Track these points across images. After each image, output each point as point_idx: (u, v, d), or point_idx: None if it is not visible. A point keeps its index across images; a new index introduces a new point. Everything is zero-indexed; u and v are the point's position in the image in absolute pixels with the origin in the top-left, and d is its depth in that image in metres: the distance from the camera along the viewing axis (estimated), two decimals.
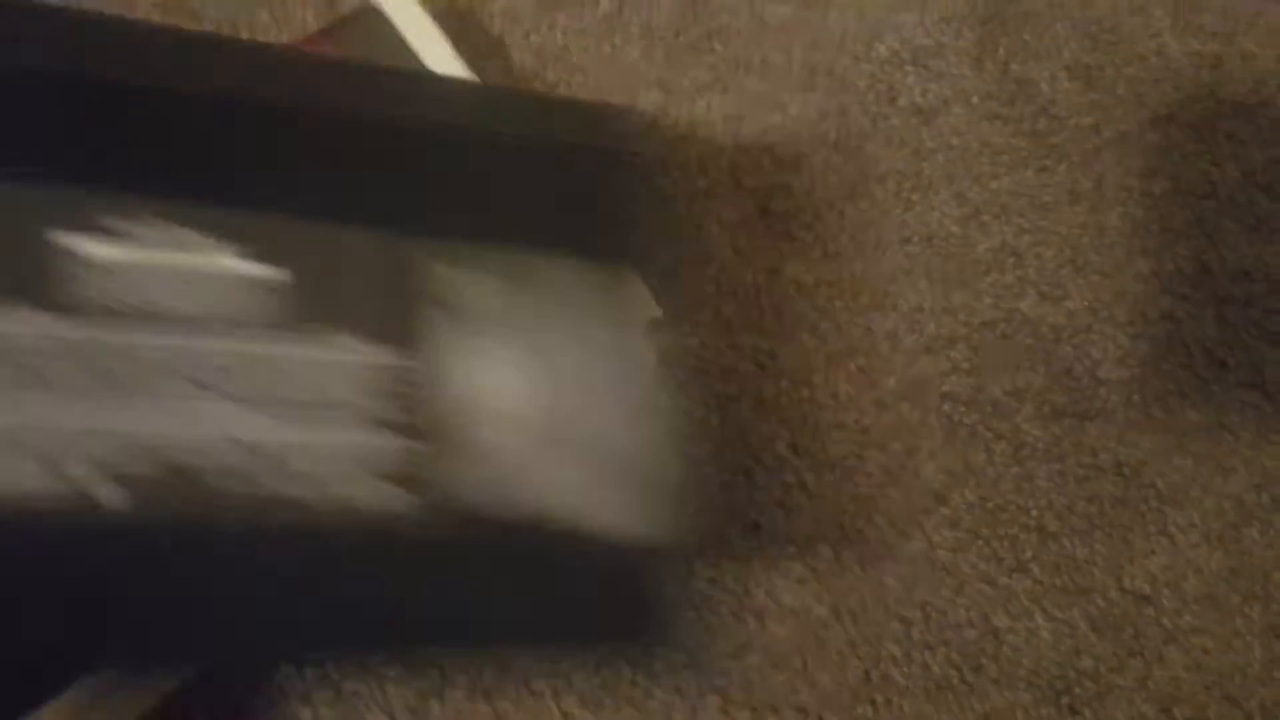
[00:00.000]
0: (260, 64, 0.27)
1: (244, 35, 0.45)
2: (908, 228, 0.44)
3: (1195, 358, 0.41)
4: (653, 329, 0.32)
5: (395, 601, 0.26)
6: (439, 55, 0.42)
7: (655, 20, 0.49)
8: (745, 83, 0.47)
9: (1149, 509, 0.39)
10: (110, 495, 0.23)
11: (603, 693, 0.36)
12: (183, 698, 0.33)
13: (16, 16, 0.24)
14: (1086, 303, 0.43)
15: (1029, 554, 0.38)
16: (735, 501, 0.39)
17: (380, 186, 0.27)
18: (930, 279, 0.43)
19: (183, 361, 0.24)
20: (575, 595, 0.29)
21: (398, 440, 0.26)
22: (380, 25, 0.42)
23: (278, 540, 0.25)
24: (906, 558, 0.38)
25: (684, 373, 0.39)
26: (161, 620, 0.24)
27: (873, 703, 0.36)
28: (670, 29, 0.48)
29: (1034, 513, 0.39)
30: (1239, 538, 0.39)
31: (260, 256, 0.25)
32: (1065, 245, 0.44)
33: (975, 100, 0.47)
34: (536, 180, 0.30)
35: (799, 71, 0.48)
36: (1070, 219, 0.44)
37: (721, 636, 0.37)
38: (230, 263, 0.25)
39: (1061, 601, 0.38)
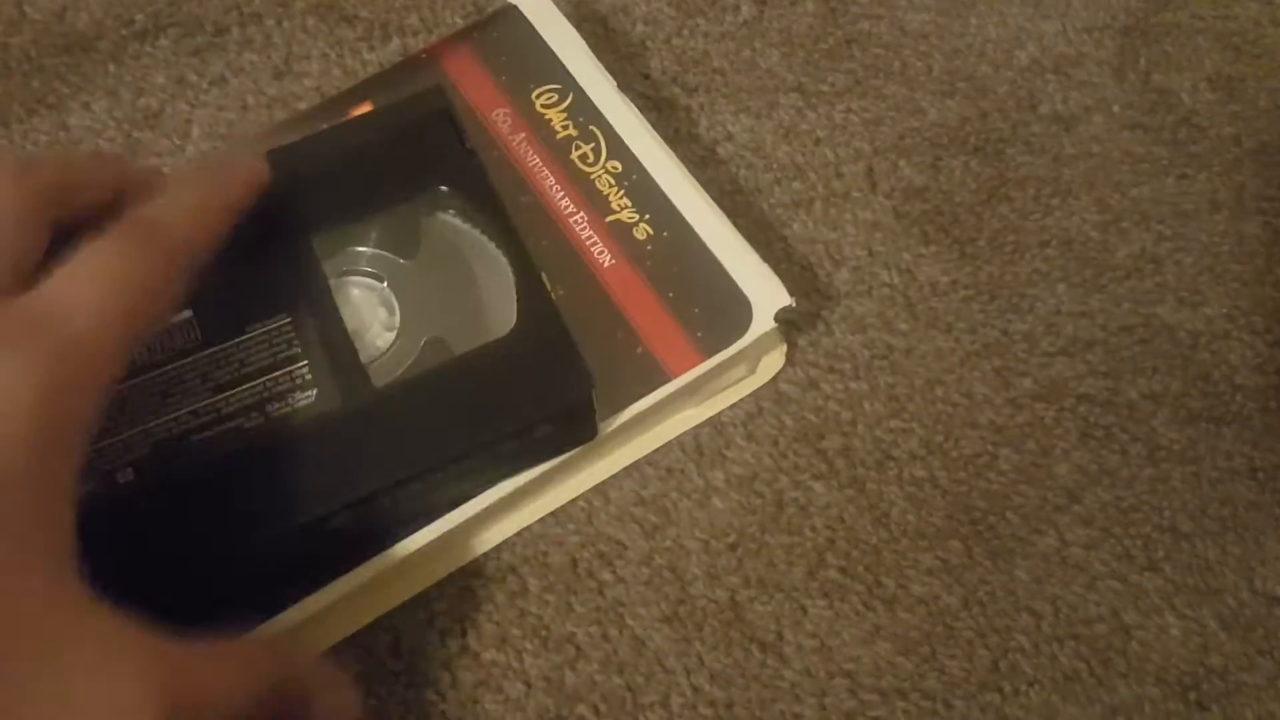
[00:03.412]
0: None
1: (394, 38, 0.48)
2: (1046, 232, 0.45)
3: None
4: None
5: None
6: (577, 58, 0.43)
7: (796, 26, 0.50)
8: (884, 88, 0.48)
9: None
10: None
11: (732, 671, 0.37)
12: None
13: None
14: (1225, 310, 0.43)
15: (1161, 553, 0.39)
16: (866, 494, 0.40)
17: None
18: (1068, 283, 0.43)
19: (160, 387, 0.35)
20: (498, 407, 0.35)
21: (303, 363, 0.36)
22: (521, 26, 0.44)
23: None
24: (1038, 553, 0.39)
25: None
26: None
27: (1000, 691, 0.37)
28: (810, 35, 0.50)
29: (1167, 513, 0.39)
30: None
31: None
32: (1205, 253, 0.44)
33: (1116, 109, 0.47)
34: (368, 164, 0.39)
35: (939, 77, 0.49)
36: (1210, 227, 0.45)
37: (852, 623, 0.38)
38: None
39: (1192, 600, 0.38)
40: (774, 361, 0.42)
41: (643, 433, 0.40)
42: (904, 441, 0.40)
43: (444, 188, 0.39)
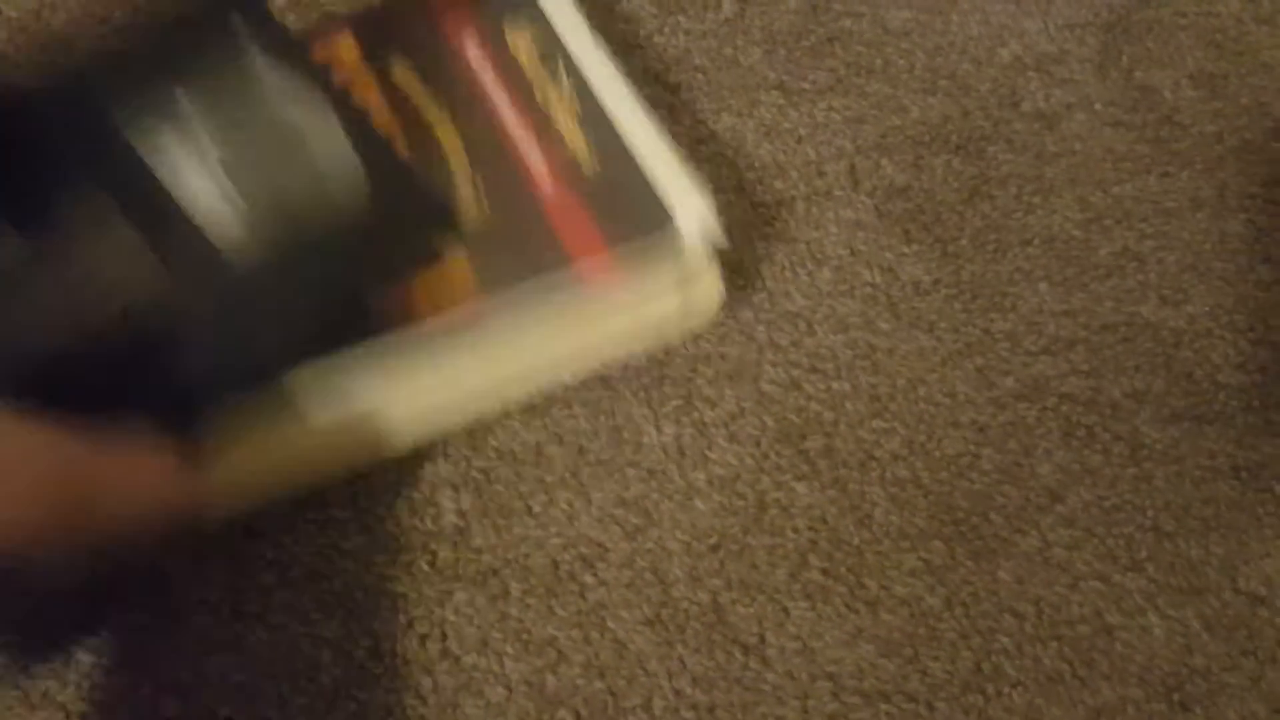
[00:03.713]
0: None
1: None
2: (1028, 231, 0.44)
3: None
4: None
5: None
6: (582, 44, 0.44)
7: (777, 24, 0.50)
8: (866, 86, 0.48)
9: (1265, 513, 0.39)
10: None
11: (714, 674, 0.37)
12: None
13: None
14: (1208, 308, 0.43)
15: (1144, 553, 0.39)
16: (849, 494, 0.40)
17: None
18: (1050, 281, 0.43)
19: None
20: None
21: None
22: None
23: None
24: (1021, 554, 0.39)
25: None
26: None
27: (983, 693, 0.37)
28: (792, 33, 0.49)
29: (1150, 513, 0.39)
30: None
31: None
32: (1187, 251, 0.44)
33: (1098, 106, 0.47)
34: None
35: (920, 75, 0.48)
36: (1193, 225, 0.45)
37: (834, 625, 0.37)
38: None
39: (1175, 600, 0.38)
40: (707, 301, 0.42)
41: (574, 344, 0.41)
42: (886, 442, 0.40)
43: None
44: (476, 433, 0.40)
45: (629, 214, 0.39)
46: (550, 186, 0.40)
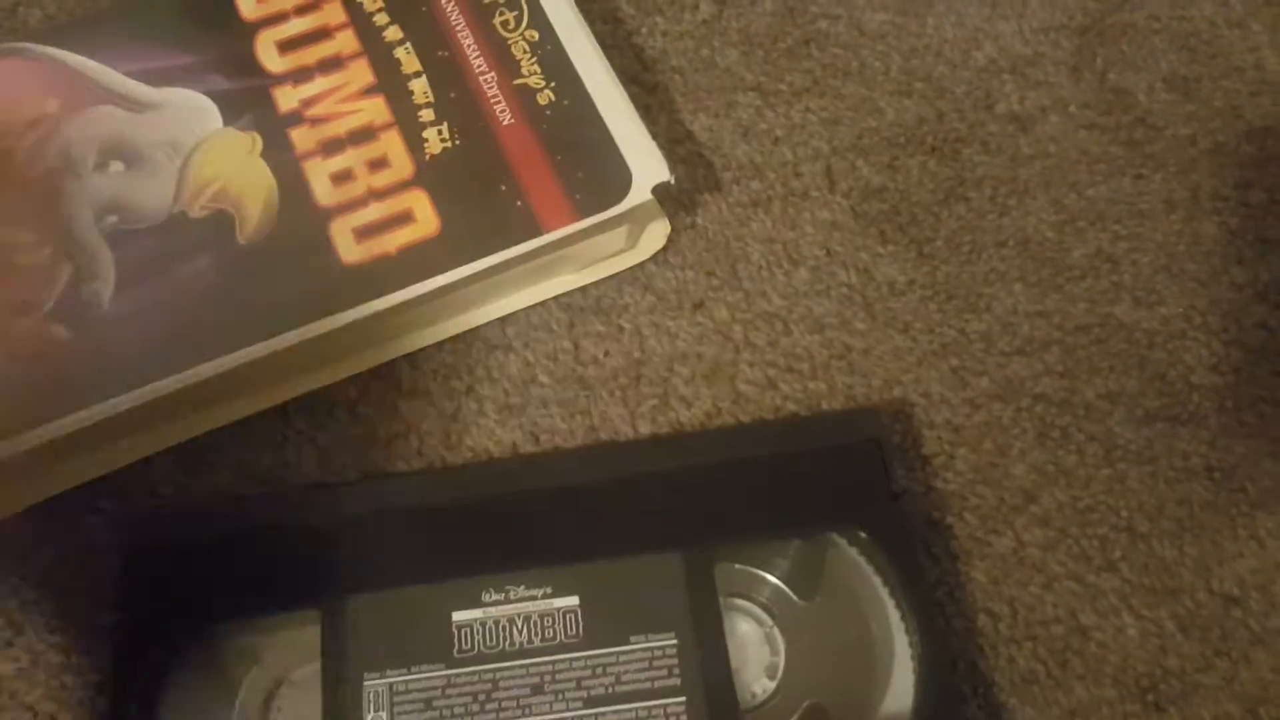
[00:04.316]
0: (569, 462, 0.38)
1: None
2: (1003, 232, 0.44)
3: None
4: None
5: None
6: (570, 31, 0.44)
7: (754, 26, 0.49)
8: (842, 88, 0.48)
9: (1239, 513, 0.39)
10: None
11: None
12: None
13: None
14: (1181, 309, 0.43)
15: (1118, 554, 0.39)
16: None
17: (659, 522, 0.36)
18: (1025, 283, 0.43)
19: (533, 677, 0.34)
20: None
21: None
22: None
23: None
24: (995, 554, 0.39)
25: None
26: None
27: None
28: (769, 34, 0.49)
29: (1124, 513, 0.39)
30: None
31: (568, 592, 0.35)
32: (1161, 252, 0.44)
33: (1073, 109, 0.47)
34: (788, 483, 0.37)
35: (896, 77, 0.48)
36: (1166, 227, 0.45)
37: None
38: (554, 602, 0.35)
39: (1149, 601, 0.38)
40: (655, 239, 0.44)
41: (519, 288, 0.42)
42: None
43: (862, 533, 0.36)
44: (451, 432, 0.40)
45: (583, 152, 0.41)
46: (508, 117, 0.41)
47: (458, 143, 0.41)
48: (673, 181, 0.41)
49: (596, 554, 0.35)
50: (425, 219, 0.40)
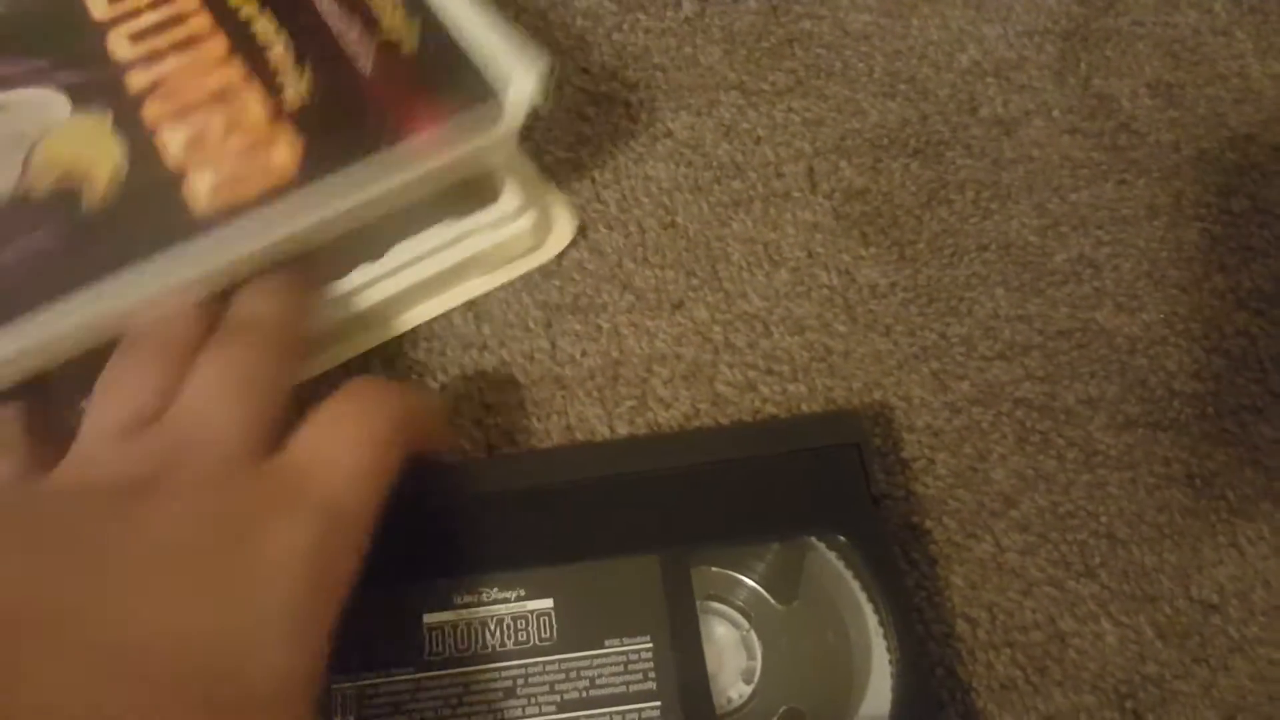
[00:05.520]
0: (544, 463, 0.38)
1: None
2: (985, 236, 0.44)
3: (1269, 374, 0.41)
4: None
5: None
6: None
7: (737, 24, 0.49)
8: (825, 88, 0.48)
9: (1219, 520, 0.39)
10: None
11: None
12: None
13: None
14: (1163, 316, 0.43)
15: (1098, 560, 0.38)
16: None
17: (636, 524, 0.36)
18: (1007, 287, 0.43)
19: (506, 680, 0.34)
20: None
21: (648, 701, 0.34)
22: None
23: None
24: (974, 559, 0.38)
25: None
26: None
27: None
28: (752, 33, 0.49)
29: (1104, 519, 0.39)
30: None
31: (542, 594, 0.35)
32: (1143, 259, 0.44)
33: (1056, 114, 0.47)
34: (767, 486, 0.37)
35: (880, 78, 0.48)
36: (1149, 233, 0.45)
37: None
38: (528, 605, 0.35)
39: (1129, 607, 0.38)
40: (561, 237, 0.43)
41: (426, 297, 0.42)
42: None
43: (841, 537, 0.36)
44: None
45: (452, 89, 0.38)
46: (371, 68, 0.39)
47: (318, 94, 0.39)
48: (545, 106, 0.39)
49: (572, 556, 0.35)
50: (284, 164, 0.37)
